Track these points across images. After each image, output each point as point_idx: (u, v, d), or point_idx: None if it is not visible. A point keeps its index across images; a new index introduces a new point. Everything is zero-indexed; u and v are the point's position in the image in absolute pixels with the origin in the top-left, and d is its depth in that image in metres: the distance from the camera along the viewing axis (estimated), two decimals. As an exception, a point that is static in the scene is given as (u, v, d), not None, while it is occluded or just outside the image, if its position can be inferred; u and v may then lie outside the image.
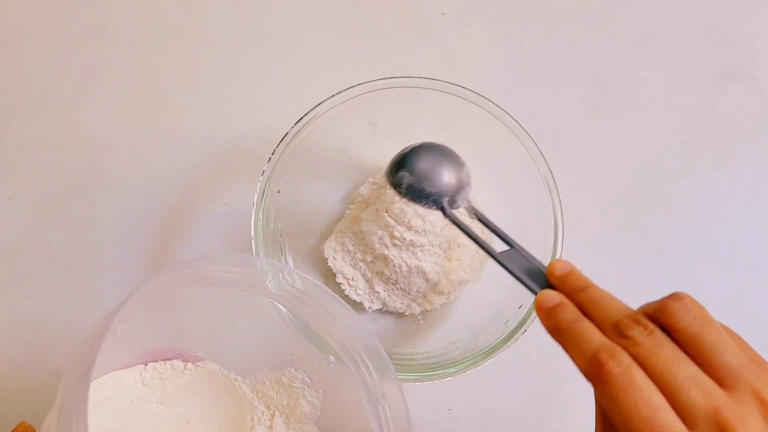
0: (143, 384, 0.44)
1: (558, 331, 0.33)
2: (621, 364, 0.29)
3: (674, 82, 0.57)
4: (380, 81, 0.46)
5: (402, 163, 0.43)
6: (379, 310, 0.50)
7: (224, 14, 0.56)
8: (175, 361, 0.46)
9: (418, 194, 0.43)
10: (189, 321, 0.45)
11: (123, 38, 0.55)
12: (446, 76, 0.46)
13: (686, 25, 0.58)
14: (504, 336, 0.45)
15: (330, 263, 0.49)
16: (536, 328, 0.45)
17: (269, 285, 0.41)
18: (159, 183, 0.53)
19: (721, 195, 0.55)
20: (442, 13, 0.57)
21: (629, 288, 0.53)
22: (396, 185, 0.43)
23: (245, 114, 0.54)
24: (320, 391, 0.46)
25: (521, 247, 0.39)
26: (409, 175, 0.43)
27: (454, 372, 0.45)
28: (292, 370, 0.46)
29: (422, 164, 0.43)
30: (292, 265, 0.49)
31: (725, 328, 0.31)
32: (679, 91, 0.57)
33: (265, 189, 0.45)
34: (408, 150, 0.44)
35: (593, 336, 0.31)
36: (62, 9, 0.55)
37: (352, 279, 0.49)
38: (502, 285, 0.49)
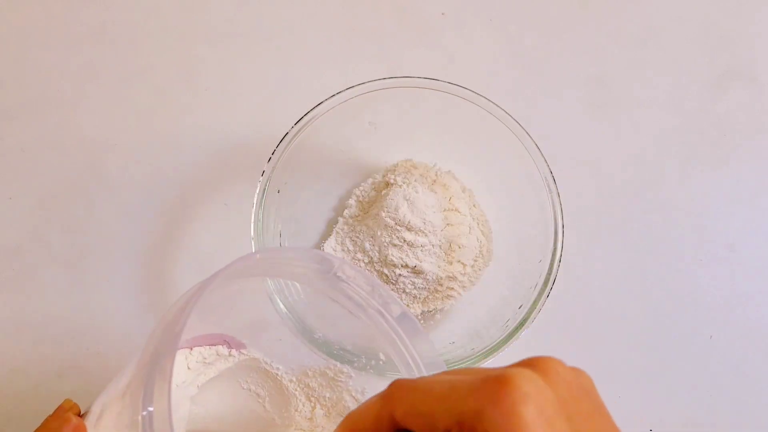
0: (188, 368, 0.44)
1: None
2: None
3: (674, 82, 0.57)
4: (380, 81, 0.46)
5: None
6: (379, 310, 0.50)
7: (224, 14, 0.56)
8: (219, 346, 0.45)
9: None
10: (237, 308, 0.44)
11: (123, 38, 0.55)
12: (446, 76, 0.46)
13: (686, 25, 0.58)
14: (504, 336, 0.45)
15: (330, 263, 0.49)
16: (536, 328, 0.45)
17: (333, 283, 0.40)
18: (159, 183, 0.53)
19: (721, 195, 0.55)
20: (442, 13, 0.57)
21: (629, 288, 0.54)
22: None
23: (245, 114, 0.54)
24: (365, 386, 0.46)
25: None
26: None
27: (454, 372, 0.45)
28: (338, 364, 0.46)
29: None
30: None
31: None
32: (679, 91, 0.57)
33: (265, 189, 0.45)
34: None
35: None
36: (62, 9, 0.55)
37: (352, 279, 0.49)
38: (502, 285, 0.49)
